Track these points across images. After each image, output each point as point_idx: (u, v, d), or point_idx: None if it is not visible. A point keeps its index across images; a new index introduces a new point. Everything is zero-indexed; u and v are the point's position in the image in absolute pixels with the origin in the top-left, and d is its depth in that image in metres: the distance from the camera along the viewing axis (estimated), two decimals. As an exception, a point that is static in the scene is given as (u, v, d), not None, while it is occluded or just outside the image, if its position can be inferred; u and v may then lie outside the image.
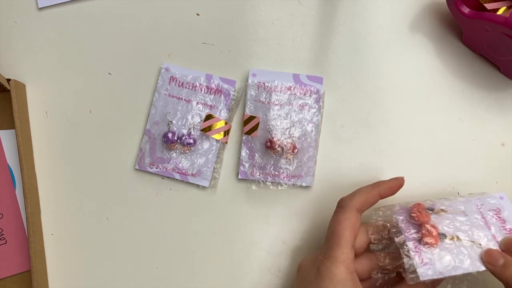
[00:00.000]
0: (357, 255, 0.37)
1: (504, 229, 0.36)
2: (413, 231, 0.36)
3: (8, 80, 0.43)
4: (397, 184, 0.39)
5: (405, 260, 0.35)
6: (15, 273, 0.43)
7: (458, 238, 0.36)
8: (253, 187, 0.44)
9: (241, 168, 0.44)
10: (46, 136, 0.46)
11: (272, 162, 0.43)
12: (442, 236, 0.36)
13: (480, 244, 0.36)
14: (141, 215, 0.44)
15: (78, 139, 0.46)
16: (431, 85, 0.46)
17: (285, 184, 0.43)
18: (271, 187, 0.44)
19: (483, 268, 0.35)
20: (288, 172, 0.43)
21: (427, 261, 0.35)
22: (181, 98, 0.45)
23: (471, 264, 0.35)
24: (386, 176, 0.44)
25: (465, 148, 0.45)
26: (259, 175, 0.44)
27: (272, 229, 0.44)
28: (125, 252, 0.44)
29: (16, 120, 0.42)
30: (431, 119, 0.45)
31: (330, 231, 0.36)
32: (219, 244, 0.44)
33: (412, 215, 0.36)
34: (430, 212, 0.37)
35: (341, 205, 0.37)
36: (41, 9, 0.48)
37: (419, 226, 0.36)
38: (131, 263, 0.43)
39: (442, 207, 0.37)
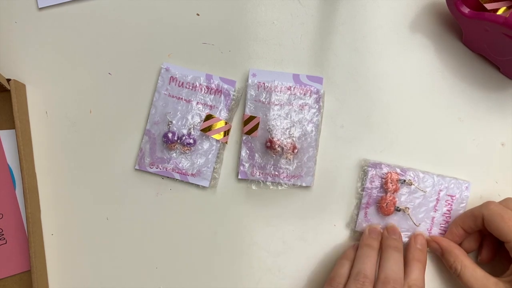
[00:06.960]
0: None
1: (444, 216, 0.42)
2: (376, 184, 0.42)
3: (8, 80, 0.43)
4: None
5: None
6: (15, 273, 0.43)
7: (407, 209, 0.42)
8: (253, 187, 0.44)
9: (241, 168, 0.44)
10: (46, 136, 0.46)
11: (272, 162, 0.43)
12: (396, 208, 0.42)
13: (418, 225, 0.42)
14: (141, 215, 0.44)
15: (78, 139, 0.46)
16: (431, 85, 0.46)
17: (285, 184, 0.43)
18: (271, 187, 0.44)
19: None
20: (288, 172, 0.43)
21: (369, 219, 0.43)
22: (181, 98, 0.45)
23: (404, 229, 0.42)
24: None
25: (465, 148, 0.45)
26: (259, 175, 0.44)
27: (272, 229, 0.44)
28: (125, 252, 0.44)
29: (16, 120, 0.42)
30: (431, 119, 0.45)
31: None
32: (219, 244, 0.44)
33: (385, 181, 0.42)
34: (400, 183, 0.42)
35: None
36: (41, 9, 0.48)
37: (383, 188, 0.42)
38: (131, 263, 0.44)
39: (410, 178, 0.42)
